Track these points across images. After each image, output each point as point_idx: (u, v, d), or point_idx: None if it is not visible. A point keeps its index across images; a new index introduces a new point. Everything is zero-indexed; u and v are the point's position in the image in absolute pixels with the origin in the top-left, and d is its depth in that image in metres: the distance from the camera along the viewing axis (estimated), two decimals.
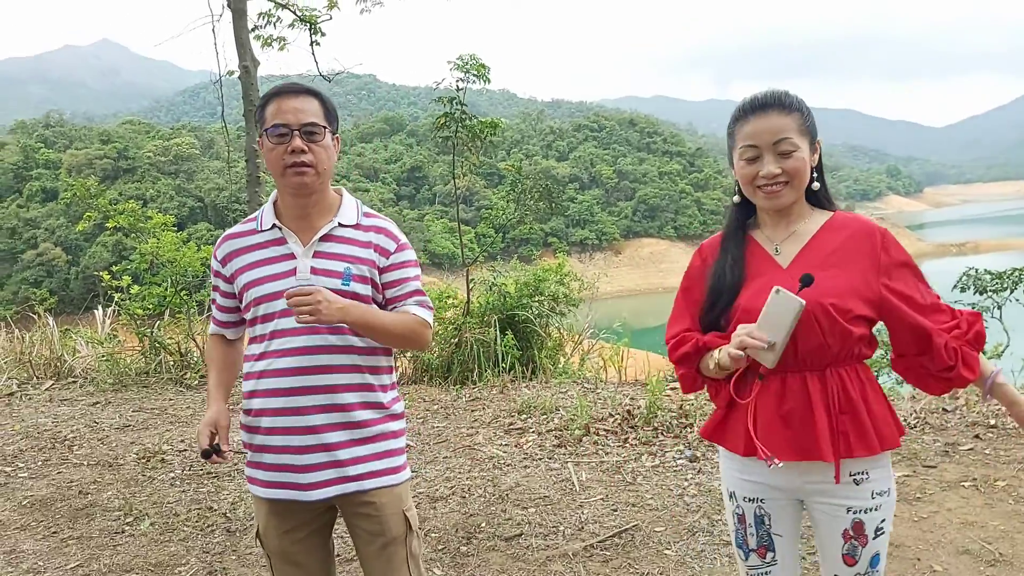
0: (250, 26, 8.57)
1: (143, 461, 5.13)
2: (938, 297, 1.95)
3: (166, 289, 8.18)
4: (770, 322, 1.81)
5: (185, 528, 4.09)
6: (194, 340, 7.86)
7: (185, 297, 8.19)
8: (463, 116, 7.69)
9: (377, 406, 2.13)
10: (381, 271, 2.15)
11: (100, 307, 9.31)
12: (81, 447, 5.50)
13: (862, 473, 1.90)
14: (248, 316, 2.15)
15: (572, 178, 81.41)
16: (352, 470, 2.09)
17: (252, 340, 2.16)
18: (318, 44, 9.27)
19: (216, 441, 2.09)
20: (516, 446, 5.10)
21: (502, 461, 4.84)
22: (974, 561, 3.37)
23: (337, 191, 2.22)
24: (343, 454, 2.08)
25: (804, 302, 1.78)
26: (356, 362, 2.10)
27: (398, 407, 2.22)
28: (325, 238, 2.11)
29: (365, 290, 2.10)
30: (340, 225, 2.13)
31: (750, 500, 2.04)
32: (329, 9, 9.17)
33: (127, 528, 4.13)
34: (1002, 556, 3.39)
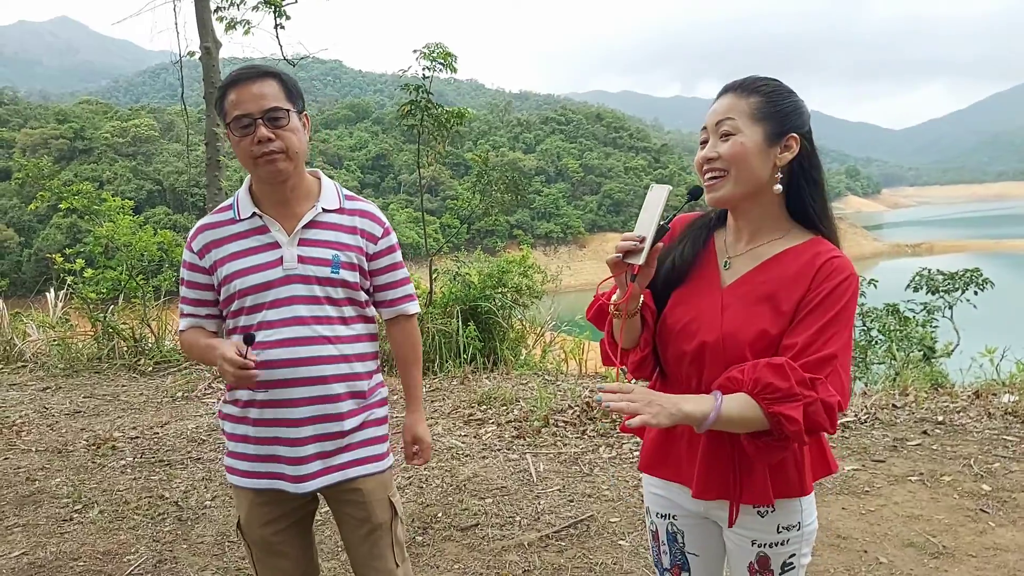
0: (213, 6, 8.41)
1: (93, 448, 5.03)
2: (835, 357, 1.54)
3: (121, 273, 8.02)
4: (643, 219, 1.63)
5: (135, 516, 4.02)
6: (149, 326, 7.71)
7: (141, 282, 8.04)
8: (429, 105, 7.62)
9: (360, 395, 2.11)
10: (369, 257, 2.11)
11: (52, 290, 9.09)
12: (30, 433, 5.38)
13: (768, 506, 1.71)
14: (233, 308, 2.06)
15: (538, 171, 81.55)
16: (339, 459, 2.08)
17: (234, 332, 2.08)
18: (283, 28, 9.11)
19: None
20: (475, 437, 5.10)
21: (460, 452, 4.83)
22: (919, 553, 3.45)
23: (314, 174, 2.14)
24: (330, 445, 2.06)
25: (671, 187, 1.63)
26: (344, 351, 2.06)
27: (382, 392, 2.20)
28: (310, 225, 2.04)
29: (353, 277, 2.07)
30: (324, 211, 2.07)
31: (662, 516, 1.92)
32: None
33: (75, 516, 4.05)
34: (945, 549, 3.48)
